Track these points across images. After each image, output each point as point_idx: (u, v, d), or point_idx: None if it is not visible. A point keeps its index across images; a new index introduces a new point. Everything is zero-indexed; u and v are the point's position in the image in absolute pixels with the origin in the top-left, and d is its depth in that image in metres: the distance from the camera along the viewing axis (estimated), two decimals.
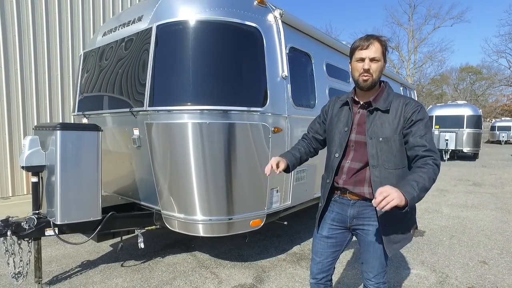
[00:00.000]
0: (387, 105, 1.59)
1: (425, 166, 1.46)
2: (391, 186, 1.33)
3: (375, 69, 1.57)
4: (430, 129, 1.57)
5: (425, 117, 1.56)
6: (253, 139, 2.76)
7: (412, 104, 1.58)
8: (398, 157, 1.58)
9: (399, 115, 1.57)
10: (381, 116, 1.60)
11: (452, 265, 3.28)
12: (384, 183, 1.52)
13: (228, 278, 2.95)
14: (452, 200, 6.28)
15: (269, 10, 3.05)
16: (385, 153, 1.58)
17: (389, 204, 1.28)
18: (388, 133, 1.57)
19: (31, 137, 2.57)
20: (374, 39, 1.57)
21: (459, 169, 10.73)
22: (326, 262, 1.80)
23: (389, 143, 1.57)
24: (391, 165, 1.58)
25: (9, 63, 5.41)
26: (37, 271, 2.68)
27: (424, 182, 1.40)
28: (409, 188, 1.35)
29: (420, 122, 1.54)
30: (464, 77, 41.25)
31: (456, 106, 13.53)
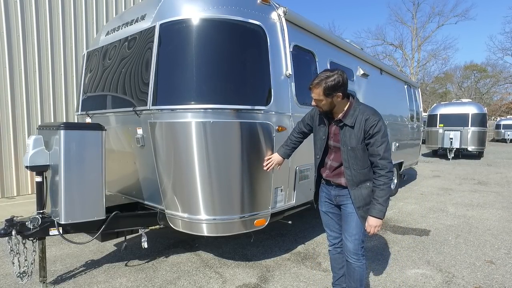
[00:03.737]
0: (352, 121, 2.05)
1: (379, 179, 2.01)
2: (371, 218, 2.02)
3: (322, 105, 2.08)
4: (386, 138, 2.01)
5: (381, 130, 2.01)
6: (257, 138, 2.74)
7: (370, 120, 2.01)
8: (362, 161, 2.07)
9: (361, 129, 2.02)
10: (349, 130, 2.06)
11: (458, 265, 3.25)
12: (354, 179, 2.09)
13: (232, 277, 2.94)
14: (458, 199, 6.23)
15: (273, 8, 3.02)
16: (353, 158, 2.08)
17: (376, 229, 2.03)
18: (354, 144, 2.05)
19: (35, 137, 2.57)
20: (314, 86, 2.03)
21: (464, 168, 10.65)
22: (335, 230, 2.35)
23: (355, 151, 2.06)
24: (358, 167, 2.08)
25: (13, 63, 5.44)
26: (42, 271, 2.68)
27: (385, 195, 2.01)
28: (379, 208, 2.00)
29: (377, 134, 2.00)
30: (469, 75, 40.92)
31: (460, 105, 13.42)
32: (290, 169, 3.11)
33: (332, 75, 1.98)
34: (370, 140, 2.01)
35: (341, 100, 2.04)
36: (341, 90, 2.00)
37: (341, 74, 2.00)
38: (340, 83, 1.98)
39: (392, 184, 6.41)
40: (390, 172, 2.00)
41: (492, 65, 38.11)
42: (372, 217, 2.02)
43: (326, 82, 1.98)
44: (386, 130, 2.03)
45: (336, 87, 1.98)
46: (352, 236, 2.16)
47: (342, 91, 2.01)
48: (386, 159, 1.99)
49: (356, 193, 2.10)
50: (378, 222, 2.02)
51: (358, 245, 2.16)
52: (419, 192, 6.90)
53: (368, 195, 2.08)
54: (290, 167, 3.12)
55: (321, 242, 3.85)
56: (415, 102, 7.46)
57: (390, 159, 2.01)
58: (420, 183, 7.90)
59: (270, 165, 2.58)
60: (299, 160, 3.22)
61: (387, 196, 2.02)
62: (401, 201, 6.02)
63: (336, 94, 2.01)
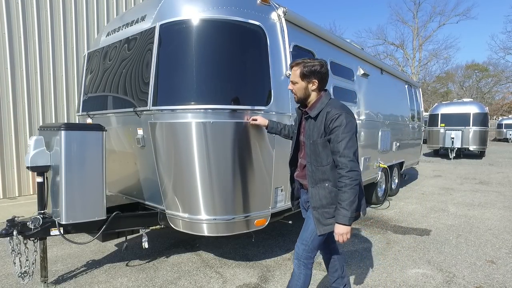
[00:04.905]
0: (316, 113, 1.94)
1: (340, 180, 1.82)
2: (337, 225, 1.84)
3: (296, 89, 1.99)
4: (348, 133, 1.82)
5: (342, 124, 1.83)
6: (257, 138, 2.75)
7: (331, 113, 1.87)
8: (321, 157, 1.93)
9: (323, 122, 1.90)
10: (312, 122, 1.96)
11: (459, 265, 3.25)
12: (313, 176, 1.97)
13: (232, 277, 2.95)
14: (459, 198, 6.22)
15: (273, 9, 3.03)
16: (313, 153, 1.96)
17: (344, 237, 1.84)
18: (315, 137, 1.94)
19: (36, 138, 2.58)
20: (294, 64, 1.97)
21: (465, 168, 10.63)
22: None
23: (315, 145, 1.94)
24: (317, 163, 1.95)
25: (14, 64, 5.46)
26: (43, 271, 2.69)
27: (348, 198, 1.80)
28: (343, 213, 1.81)
29: (337, 128, 1.83)
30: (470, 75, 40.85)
31: (462, 104, 13.40)
32: None
33: (314, 61, 1.94)
34: (330, 135, 1.87)
35: (316, 90, 1.96)
36: (318, 77, 1.93)
37: (323, 64, 1.95)
38: (318, 70, 1.92)
39: (393, 184, 6.41)
40: (352, 172, 1.79)
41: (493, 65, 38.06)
42: (338, 224, 1.83)
43: (306, 64, 1.93)
44: (352, 125, 1.85)
45: (314, 72, 1.92)
46: (302, 240, 2.02)
47: (319, 79, 1.94)
48: (346, 156, 1.80)
49: (314, 191, 1.96)
50: (345, 229, 1.82)
51: (307, 252, 2.00)
52: (420, 191, 6.89)
53: (325, 196, 1.91)
54: None
55: None
56: (416, 102, 7.45)
57: (352, 157, 1.81)
58: (421, 183, 7.89)
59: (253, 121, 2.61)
60: None
61: (351, 199, 1.80)
62: (402, 201, 6.01)
63: (312, 80, 1.94)
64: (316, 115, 1.94)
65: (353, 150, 1.83)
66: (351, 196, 1.80)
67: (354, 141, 1.85)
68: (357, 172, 1.82)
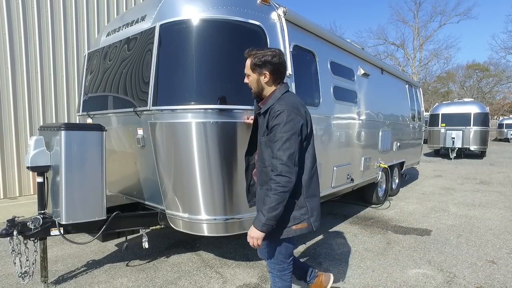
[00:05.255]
0: (265, 109, 1.79)
1: (268, 183, 1.67)
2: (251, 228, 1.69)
3: (250, 82, 1.87)
4: (286, 133, 1.63)
5: (281, 122, 1.64)
6: None
7: (274, 109, 1.71)
8: (264, 157, 1.79)
9: (267, 119, 1.76)
10: (262, 118, 1.84)
11: (459, 265, 3.24)
12: (260, 176, 1.85)
13: (233, 277, 2.94)
14: (459, 198, 6.21)
15: (273, 8, 3.02)
16: (260, 152, 1.85)
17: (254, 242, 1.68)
18: (261, 135, 1.83)
19: (36, 138, 2.59)
20: (247, 54, 1.84)
21: (466, 168, 10.61)
22: None
23: (261, 143, 1.83)
24: (262, 163, 1.82)
25: (15, 64, 5.46)
26: (43, 271, 2.69)
27: (270, 203, 1.62)
28: (259, 217, 1.66)
29: (276, 127, 1.67)
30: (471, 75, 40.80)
31: (462, 104, 13.38)
32: None
33: (267, 51, 1.79)
34: (270, 134, 1.70)
35: (269, 83, 1.81)
36: (269, 68, 1.77)
37: (277, 54, 1.78)
38: (269, 60, 1.76)
39: (394, 184, 6.40)
40: (280, 176, 1.60)
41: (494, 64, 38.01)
42: (252, 226, 1.69)
43: (257, 54, 1.79)
44: (293, 125, 1.64)
45: (265, 63, 1.76)
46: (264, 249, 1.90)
47: (270, 71, 1.78)
48: (278, 159, 1.62)
49: (259, 193, 1.84)
50: (256, 234, 1.65)
51: (277, 263, 1.87)
52: (421, 191, 6.88)
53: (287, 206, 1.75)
54: None
55: (321, 242, 3.85)
56: (416, 102, 7.44)
57: (286, 161, 1.61)
58: (422, 183, 7.88)
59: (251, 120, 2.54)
60: None
61: (273, 205, 1.61)
62: (403, 201, 6.01)
63: (264, 72, 1.78)
64: (265, 111, 1.79)
65: (288, 152, 1.62)
66: (273, 202, 1.61)
67: (292, 143, 1.64)
68: (287, 179, 1.61)
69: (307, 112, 1.80)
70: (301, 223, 1.78)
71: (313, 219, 1.81)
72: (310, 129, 1.80)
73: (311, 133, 1.82)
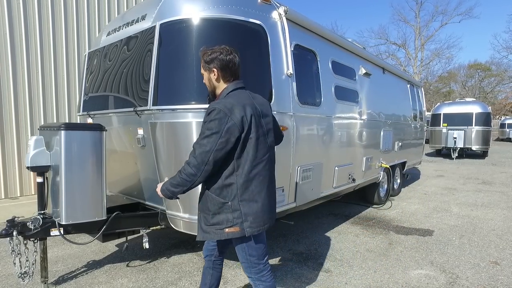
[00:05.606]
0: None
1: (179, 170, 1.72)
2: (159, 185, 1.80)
3: (205, 82, 1.87)
4: (208, 130, 1.64)
5: (208, 119, 1.66)
6: None
7: (208, 107, 1.70)
8: None
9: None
10: None
11: (462, 266, 3.21)
12: None
13: (233, 278, 2.93)
14: (462, 199, 6.18)
15: (274, 8, 3.01)
16: None
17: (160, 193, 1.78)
18: None
19: (36, 137, 2.57)
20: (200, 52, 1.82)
21: (468, 168, 10.57)
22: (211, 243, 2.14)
23: None
24: None
25: (16, 64, 5.46)
26: (43, 271, 2.68)
27: (173, 181, 1.71)
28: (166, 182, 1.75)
29: (203, 124, 1.69)
30: (473, 74, 40.66)
31: (464, 104, 13.33)
32: (291, 169, 3.09)
33: (216, 48, 1.77)
34: None
35: (219, 80, 1.79)
36: (217, 65, 1.75)
37: (225, 50, 1.76)
38: (216, 57, 1.74)
39: (395, 184, 6.38)
40: (187, 165, 1.65)
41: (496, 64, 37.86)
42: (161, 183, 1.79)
43: (206, 52, 1.78)
44: (218, 124, 1.63)
45: (213, 60, 1.75)
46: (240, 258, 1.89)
47: (218, 68, 1.76)
48: (193, 150, 1.67)
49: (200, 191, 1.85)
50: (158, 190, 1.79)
51: (251, 267, 1.86)
52: (423, 192, 6.85)
53: (201, 199, 1.82)
54: (292, 167, 3.10)
55: (323, 242, 3.83)
56: (418, 102, 7.41)
57: (196, 155, 1.63)
58: (424, 183, 7.85)
59: None
60: (300, 160, 3.20)
61: (175, 184, 1.70)
62: (404, 201, 5.98)
63: (212, 69, 1.77)
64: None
65: (202, 149, 1.63)
66: (175, 180, 1.70)
67: (210, 141, 1.62)
68: (191, 172, 1.64)
69: (247, 115, 1.69)
70: (233, 227, 1.74)
71: (247, 224, 1.74)
72: (247, 133, 1.70)
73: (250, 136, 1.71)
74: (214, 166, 1.66)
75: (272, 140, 1.87)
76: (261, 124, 1.78)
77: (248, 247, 1.83)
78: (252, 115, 1.71)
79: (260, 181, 1.76)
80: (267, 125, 1.83)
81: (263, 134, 1.78)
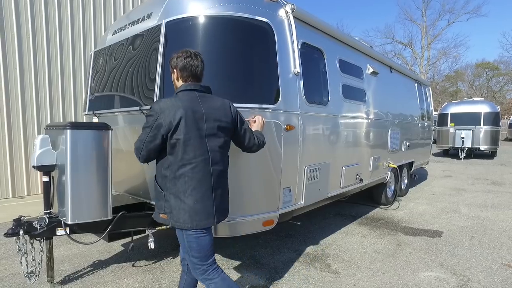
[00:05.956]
0: None
1: None
2: None
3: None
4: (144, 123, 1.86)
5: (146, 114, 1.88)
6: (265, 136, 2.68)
7: None
8: None
9: None
10: None
11: (473, 268, 3.14)
12: None
13: (240, 278, 2.89)
14: (470, 199, 6.08)
15: (280, 5, 2.97)
16: None
17: None
18: None
19: (42, 137, 2.56)
20: None
21: (476, 168, 10.42)
22: None
23: None
24: None
25: (23, 64, 5.49)
26: (49, 271, 2.68)
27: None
28: None
29: None
30: (480, 73, 40.17)
31: (472, 103, 13.14)
32: (299, 169, 3.05)
33: (181, 50, 1.95)
34: None
35: (177, 79, 1.96)
36: (174, 66, 1.93)
37: (185, 53, 1.91)
38: (174, 59, 1.93)
39: (403, 184, 6.31)
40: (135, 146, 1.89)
41: (505, 63, 37.37)
42: None
43: (173, 54, 1.96)
44: (148, 120, 1.83)
45: (172, 60, 1.95)
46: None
47: (176, 69, 1.93)
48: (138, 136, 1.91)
49: None
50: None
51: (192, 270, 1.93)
52: (431, 192, 6.76)
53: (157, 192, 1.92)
54: (299, 167, 3.05)
55: (330, 243, 3.78)
56: (425, 101, 7.32)
57: (136, 141, 1.88)
58: (431, 183, 7.75)
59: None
60: (307, 159, 3.15)
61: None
62: (412, 202, 5.90)
63: (173, 70, 1.96)
64: None
65: (139, 138, 1.87)
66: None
67: (143, 134, 1.85)
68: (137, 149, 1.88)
69: (175, 117, 1.77)
70: (164, 214, 1.88)
71: (171, 215, 1.86)
72: (173, 133, 1.78)
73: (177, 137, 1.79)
74: (148, 153, 1.86)
75: (216, 145, 1.88)
76: (199, 127, 1.82)
77: (190, 248, 1.88)
78: (182, 118, 1.78)
79: (185, 181, 1.81)
80: (210, 129, 1.86)
81: (199, 137, 1.82)
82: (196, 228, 1.84)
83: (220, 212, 1.93)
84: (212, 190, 1.87)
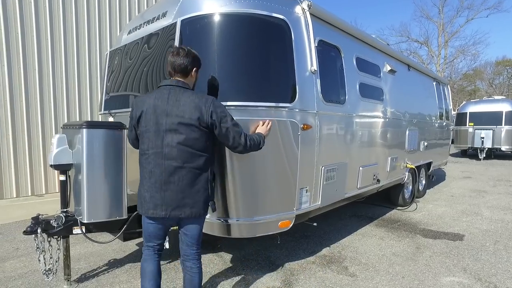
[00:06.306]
0: None
1: None
2: None
3: None
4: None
5: None
6: (281, 136, 2.63)
7: None
8: None
9: None
10: None
11: (500, 274, 3.00)
12: None
13: (255, 280, 2.85)
14: (493, 202, 5.86)
15: (297, 2, 2.90)
16: None
17: None
18: None
19: (59, 136, 2.58)
20: None
21: (497, 169, 10.06)
22: None
23: None
24: None
25: (42, 66, 5.59)
26: (66, 269, 2.70)
27: None
28: None
29: None
30: (501, 71, 38.85)
31: (493, 102, 12.72)
32: (315, 169, 2.98)
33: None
34: None
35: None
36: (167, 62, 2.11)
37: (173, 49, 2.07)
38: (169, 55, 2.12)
39: (421, 185, 6.14)
40: None
41: None
42: None
43: None
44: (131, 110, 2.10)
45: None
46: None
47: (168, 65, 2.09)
48: None
49: None
50: None
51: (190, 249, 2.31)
52: (449, 193, 6.55)
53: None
54: (316, 167, 2.98)
55: (347, 245, 3.69)
56: (444, 100, 7.10)
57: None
58: (450, 185, 7.52)
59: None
60: (324, 159, 3.08)
61: None
62: (430, 203, 5.73)
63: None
64: None
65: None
66: None
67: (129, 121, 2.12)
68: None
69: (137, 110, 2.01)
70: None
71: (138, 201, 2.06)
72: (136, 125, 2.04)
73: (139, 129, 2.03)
74: (132, 141, 2.19)
75: (174, 140, 1.91)
76: (158, 122, 1.93)
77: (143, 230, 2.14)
78: (143, 112, 1.97)
79: (141, 170, 2.03)
80: (170, 124, 1.91)
81: (156, 131, 1.93)
82: (145, 215, 2.03)
83: (174, 207, 1.94)
84: (161, 183, 1.92)
